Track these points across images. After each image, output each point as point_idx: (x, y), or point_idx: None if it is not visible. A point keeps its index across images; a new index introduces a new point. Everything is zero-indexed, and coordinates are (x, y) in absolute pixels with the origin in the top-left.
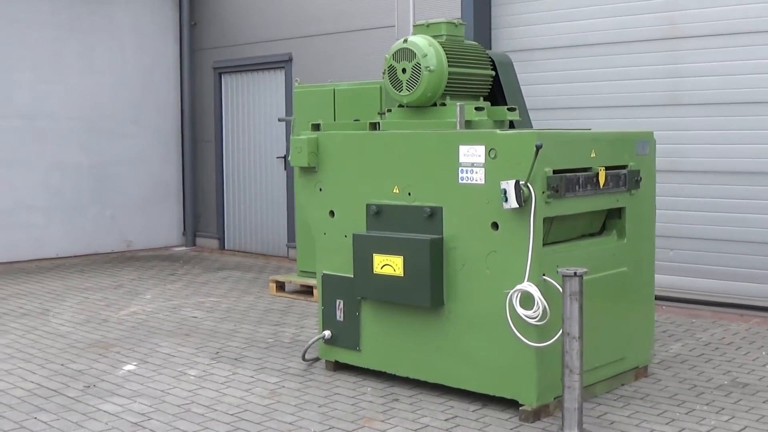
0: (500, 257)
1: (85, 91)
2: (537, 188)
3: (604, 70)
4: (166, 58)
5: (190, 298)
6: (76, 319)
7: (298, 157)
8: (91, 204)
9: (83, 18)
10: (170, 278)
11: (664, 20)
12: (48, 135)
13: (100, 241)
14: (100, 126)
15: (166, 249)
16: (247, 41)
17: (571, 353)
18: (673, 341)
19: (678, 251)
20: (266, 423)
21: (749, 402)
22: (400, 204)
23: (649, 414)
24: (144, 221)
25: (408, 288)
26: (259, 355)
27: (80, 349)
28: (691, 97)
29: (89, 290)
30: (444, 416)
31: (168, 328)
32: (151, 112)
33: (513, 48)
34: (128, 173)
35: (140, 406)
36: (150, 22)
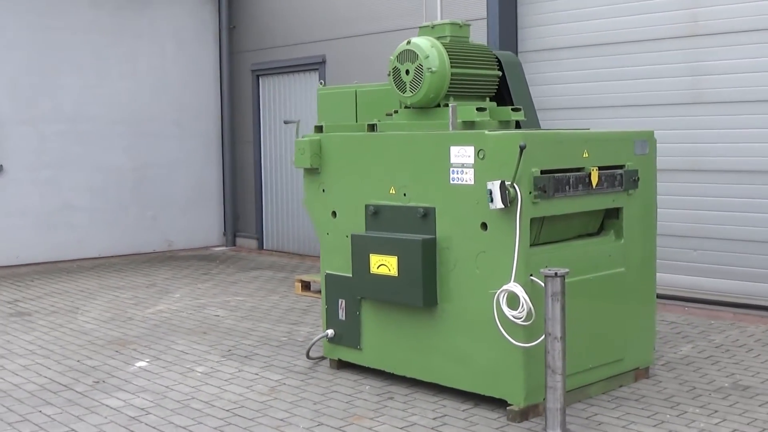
0: (489, 257)
1: (128, 94)
2: (523, 189)
3: (627, 68)
4: (206, 62)
5: (217, 297)
6: (102, 317)
7: (301, 159)
8: (133, 205)
9: (125, 24)
10: (203, 277)
11: (686, 18)
12: (91, 138)
13: (142, 241)
14: (142, 129)
15: (207, 249)
16: (283, 44)
17: (554, 353)
18: (685, 343)
19: (701, 252)
20: (258, 419)
21: (745, 405)
22: (396, 204)
23: (639, 416)
24: (185, 222)
25: (402, 288)
26: (269, 353)
27: (99, 346)
28: (714, 96)
29: (121, 289)
30: (433, 415)
31: (188, 326)
32: (192, 114)
33: (539, 47)
34: (169, 175)
35: (142, 402)
36: (190, 26)
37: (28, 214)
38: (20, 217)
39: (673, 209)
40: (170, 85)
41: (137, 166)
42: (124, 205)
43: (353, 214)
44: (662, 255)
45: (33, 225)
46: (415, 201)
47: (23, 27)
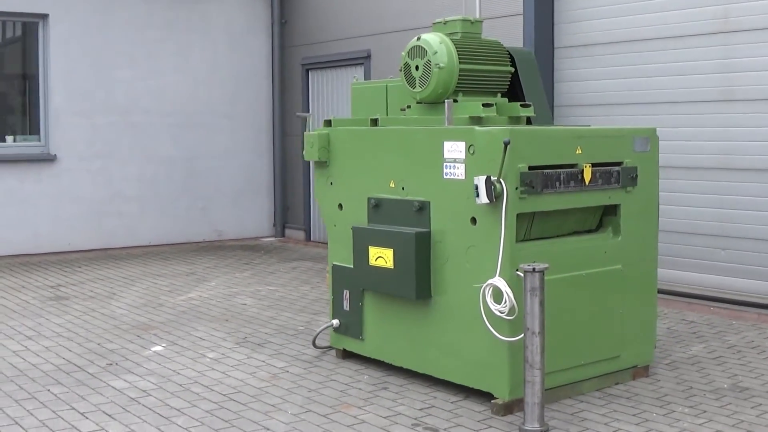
0: (478, 252)
1: (180, 87)
2: (510, 184)
3: (659, 65)
4: (258, 55)
5: (250, 287)
6: (134, 303)
7: (311, 152)
8: (184, 195)
9: (178, 18)
10: (243, 267)
11: (718, 14)
12: (143, 129)
13: (192, 230)
14: (193, 121)
15: (256, 240)
16: (331, 38)
17: (532, 348)
18: (698, 342)
19: (730, 251)
20: (251, 404)
21: (736, 406)
22: (395, 198)
23: (625, 413)
24: (235, 212)
25: (397, 280)
26: (283, 341)
27: (123, 330)
28: (746, 93)
29: (162, 276)
30: (421, 405)
31: (213, 314)
32: (243, 107)
33: (575, 43)
34: (220, 166)
35: (146, 384)
36: (243, 20)
37: (80, 202)
38: (72, 205)
39: (702, 207)
40: (222, 78)
41: (188, 157)
42: (174, 195)
43: (357, 207)
44: (690, 254)
45: (85, 213)
46: (412, 195)
47: (78, 22)
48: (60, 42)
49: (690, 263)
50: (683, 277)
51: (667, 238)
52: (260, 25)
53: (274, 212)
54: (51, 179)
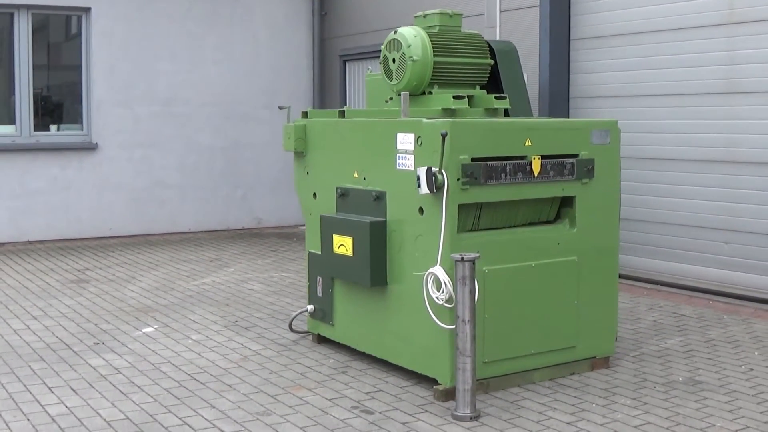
0: (425, 241)
1: (220, 79)
2: (451, 175)
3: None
4: (299, 47)
5: (266, 273)
6: (148, 287)
7: (288, 143)
8: (223, 183)
9: (220, 12)
10: (269, 253)
11: (722, 5)
12: (184, 120)
13: (232, 218)
14: (234, 111)
15: (294, 228)
16: (368, 30)
17: (463, 336)
18: (677, 335)
19: (733, 245)
20: (210, 384)
21: (680, 400)
22: (358, 188)
23: (564, 403)
24: (274, 201)
25: (355, 267)
26: (269, 325)
27: (125, 312)
28: (751, 85)
29: (186, 262)
30: (369, 389)
31: (216, 298)
32: (283, 98)
33: (590, 35)
34: (260, 156)
35: (121, 362)
36: (283, 13)
37: (121, 189)
38: (113, 192)
39: (706, 201)
40: (262, 70)
41: (228, 146)
42: (214, 183)
43: (329, 197)
44: (693, 246)
45: (125, 200)
46: (372, 185)
47: (120, 15)
48: (102, 35)
49: (693, 256)
50: (687, 270)
51: (672, 230)
52: (301, 17)
53: None
54: (93, 167)
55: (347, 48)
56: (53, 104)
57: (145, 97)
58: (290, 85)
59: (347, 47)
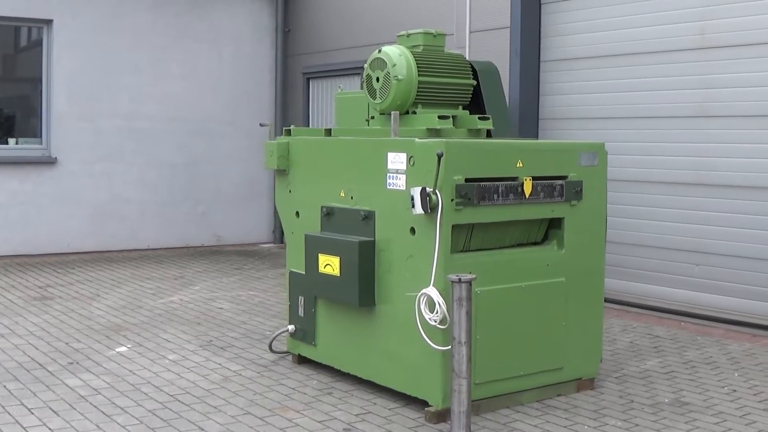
0: (416, 261)
1: (183, 94)
2: (445, 196)
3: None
4: (262, 64)
5: (232, 291)
6: (115, 305)
7: (270, 160)
8: (184, 200)
9: (185, 27)
10: (233, 272)
11: (696, 30)
12: (146, 135)
13: (192, 235)
14: (197, 127)
15: (254, 245)
16: (332, 48)
17: (459, 358)
18: (655, 356)
19: (703, 267)
20: (194, 405)
21: (669, 421)
22: (345, 207)
23: (556, 425)
24: (235, 218)
25: (342, 287)
26: (245, 345)
27: (94, 330)
28: (723, 109)
29: (149, 279)
30: (358, 411)
31: (187, 317)
32: (246, 114)
33: (560, 57)
34: (221, 172)
35: (99, 383)
36: (248, 30)
37: (80, 204)
38: (73, 207)
39: (678, 223)
40: (226, 86)
41: (190, 162)
42: (175, 199)
43: (312, 215)
44: (664, 268)
45: (85, 215)
46: (359, 204)
47: (84, 28)
48: (65, 47)
49: (664, 278)
50: (656, 291)
51: (641, 252)
52: (264, 34)
53: (274, 218)
54: (52, 181)
55: (311, 65)
56: (10, 117)
57: (107, 110)
58: (253, 102)
59: (311, 65)
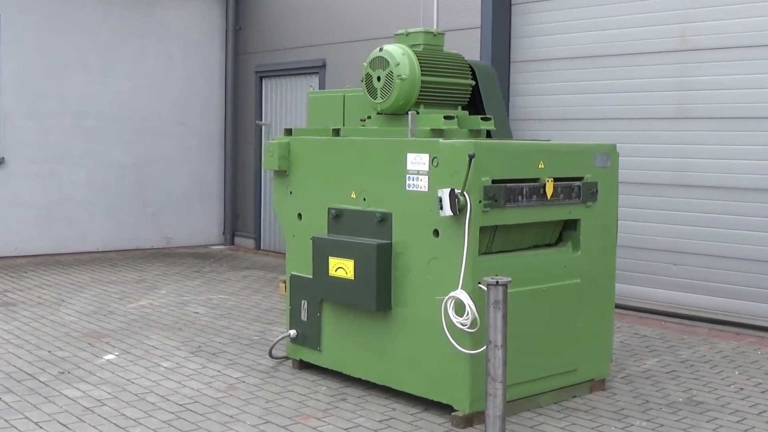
0: (440, 264)
1: (133, 92)
2: (473, 197)
3: (616, 81)
4: (212, 62)
5: (202, 295)
6: (84, 310)
7: (270, 161)
8: (134, 201)
9: (133, 23)
10: (193, 275)
11: (675, 33)
12: (95, 134)
13: (142, 237)
14: (146, 126)
15: (205, 247)
16: (286, 46)
17: (494, 362)
18: (651, 357)
19: (682, 267)
20: (208, 414)
21: (692, 420)
22: (356, 209)
23: (584, 427)
24: (185, 219)
25: (357, 291)
26: (238, 351)
27: (74, 338)
28: (701, 111)
29: (111, 283)
30: (380, 417)
31: (165, 322)
32: (196, 114)
33: (531, 58)
34: (171, 172)
35: (100, 393)
36: (197, 27)
37: (28, 206)
38: (20, 209)
39: (656, 223)
40: (175, 84)
41: (139, 162)
42: (125, 200)
43: (317, 217)
44: (642, 268)
45: (33, 218)
46: (373, 206)
47: (32, 24)
48: (12, 44)
49: (643, 278)
50: (636, 291)
51: (621, 252)
52: (215, 32)
53: (224, 220)
54: None
55: (263, 64)
56: None
57: (55, 109)
58: (203, 101)
59: (263, 63)
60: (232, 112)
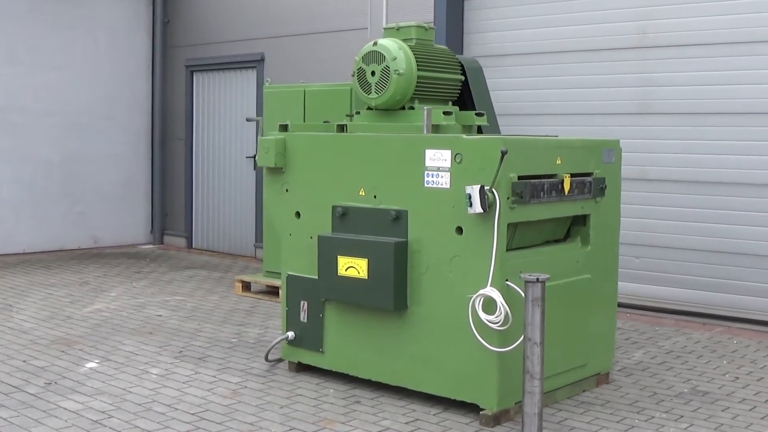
0: (464, 261)
1: (60, 86)
2: (502, 194)
3: (574, 77)
4: (139, 56)
5: (156, 297)
6: (39, 316)
7: (265, 158)
8: (61, 199)
9: (61, 14)
10: (136, 276)
11: (635, 29)
12: (21, 130)
13: (68, 237)
14: (73, 122)
15: (134, 246)
16: (220, 40)
17: (533, 359)
18: (635, 349)
19: (644, 259)
20: (227, 423)
21: (708, 410)
22: (366, 207)
23: (608, 420)
24: (112, 218)
25: (372, 290)
26: (223, 354)
27: (43, 345)
28: (661, 107)
29: (54, 286)
30: (405, 419)
31: (132, 326)
32: (123, 109)
33: (485, 53)
34: (99, 169)
35: (101, 404)
36: (124, 19)
37: None
38: None
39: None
40: (103, 78)
41: (66, 159)
42: (51, 199)
43: (318, 215)
44: None
45: None
46: (386, 203)
47: None
48: None
49: None
50: None
51: None
52: (141, 24)
53: (152, 218)
54: None
55: (194, 58)
56: None
57: None
58: (130, 95)
59: (195, 57)
60: (161, 107)
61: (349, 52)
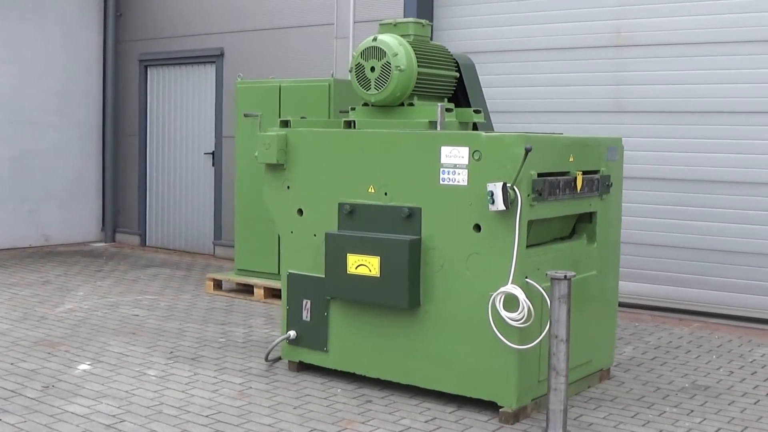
0: (482, 259)
1: (9, 80)
2: (523, 191)
3: (547, 75)
4: (90, 49)
5: (125, 296)
6: (11, 316)
7: (267, 154)
8: (10, 196)
9: (11, 5)
10: (98, 275)
11: (610, 29)
12: None
13: (18, 235)
14: (23, 116)
15: (85, 244)
16: (176, 34)
17: (558, 355)
18: (623, 344)
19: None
20: (245, 425)
21: (715, 404)
22: (376, 204)
23: (623, 416)
24: (63, 215)
25: (384, 289)
26: (216, 355)
27: (26, 347)
28: (635, 105)
29: (16, 286)
30: (423, 418)
31: (112, 327)
32: (74, 103)
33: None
34: (49, 166)
35: (108, 408)
36: (75, 11)
37: None
38: None
39: None
40: (53, 72)
41: (16, 155)
42: (0, 196)
43: (323, 213)
44: None
45: None
46: (397, 201)
47: None
48: None
49: None
50: None
51: None
52: (92, 17)
53: (103, 216)
54: None
55: (149, 52)
56: None
57: None
58: (81, 89)
59: (149, 51)
60: (113, 102)
61: (314, 48)
